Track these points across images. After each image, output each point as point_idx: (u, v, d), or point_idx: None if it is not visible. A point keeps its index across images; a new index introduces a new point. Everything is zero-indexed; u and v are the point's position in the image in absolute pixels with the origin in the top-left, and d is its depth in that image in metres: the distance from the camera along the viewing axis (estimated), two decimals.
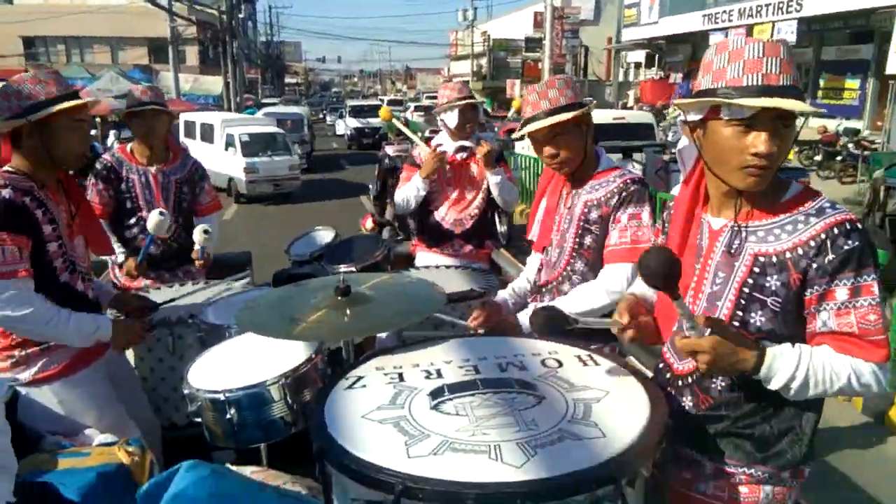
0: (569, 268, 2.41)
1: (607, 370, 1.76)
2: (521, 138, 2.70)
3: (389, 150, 12.63)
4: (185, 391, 2.04)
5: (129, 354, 2.78)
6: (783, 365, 1.47)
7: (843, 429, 4.43)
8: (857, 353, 1.48)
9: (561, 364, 1.79)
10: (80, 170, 2.54)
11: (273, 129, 17.00)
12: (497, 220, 5.49)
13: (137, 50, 40.18)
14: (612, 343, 2.30)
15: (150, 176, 3.46)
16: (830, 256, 1.45)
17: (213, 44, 35.75)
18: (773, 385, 1.49)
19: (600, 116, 10.71)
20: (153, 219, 3.10)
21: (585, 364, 1.80)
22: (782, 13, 19.17)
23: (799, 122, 1.51)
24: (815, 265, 1.47)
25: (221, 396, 1.94)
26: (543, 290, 2.50)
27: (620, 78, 33.46)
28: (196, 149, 15.12)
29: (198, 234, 3.26)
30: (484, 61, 47.03)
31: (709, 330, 1.47)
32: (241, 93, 28.74)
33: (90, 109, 2.42)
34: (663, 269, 1.40)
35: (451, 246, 3.73)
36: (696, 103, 1.53)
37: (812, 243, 1.47)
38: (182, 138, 16.98)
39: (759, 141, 1.45)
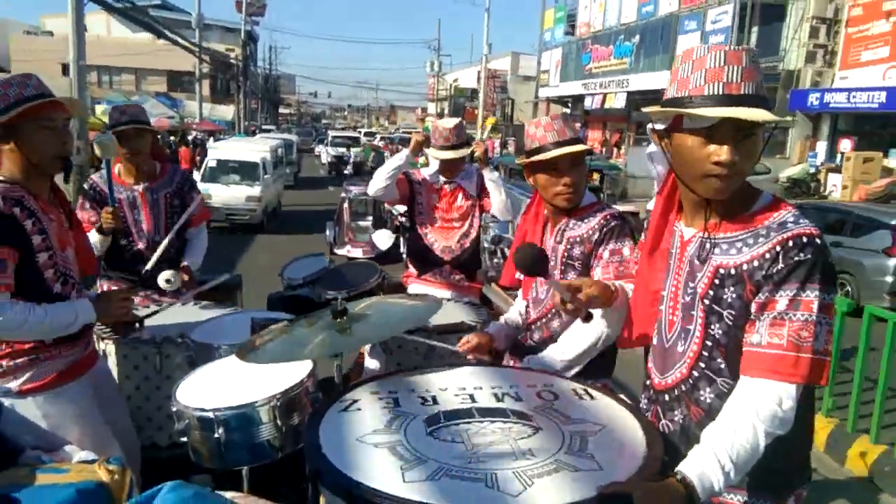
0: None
1: (602, 404, 1.76)
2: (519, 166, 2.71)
3: (354, 189, 11.50)
4: (174, 408, 2.01)
5: (114, 371, 2.73)
6: (712, 475, 1.36)
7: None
8: (775, 375, 1.41)
9: (556, 397, 1.79)
10: (65, 175, 2.48)
11: (251, 158, 15.63)
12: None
13: (158, 79, 45.76)
14: (604, 379, 2.30)
15: (138, 195, 3.42)
16: (780, 266, 1.42)
17: (223, 78, 43.96)
18: (718, 488, 1.37)
19: None
20: (162, 281, 3.17)
21: (581, 398, 1.80)
22: (619, 87, 29.06)
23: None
24: (765, 274, 1.44)
25: (211, 415, 1.91)
26: (533, 327, 2.50)
27: None
28: None
29: (161, 283, 3.20)
30: (446, 104, 55.30)
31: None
32: (248, 119, 35.57)
33: (68, 111, 2.36)
34: (526, 263, 1.86)
35: (440, 273, 3.75)
36: (660, 112, 1.52)
37: (767, 255, 1.44)
38: None
39: (720, 150, 1.43)
